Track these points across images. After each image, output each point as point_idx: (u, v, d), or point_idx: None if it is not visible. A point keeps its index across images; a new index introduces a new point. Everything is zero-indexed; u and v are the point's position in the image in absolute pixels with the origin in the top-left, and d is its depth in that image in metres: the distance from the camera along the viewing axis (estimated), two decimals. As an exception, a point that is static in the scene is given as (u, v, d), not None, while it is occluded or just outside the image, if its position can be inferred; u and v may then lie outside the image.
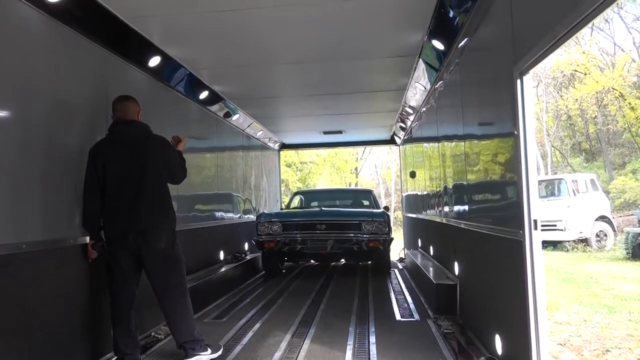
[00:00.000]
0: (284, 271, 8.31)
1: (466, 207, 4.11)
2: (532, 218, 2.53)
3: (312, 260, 8.67)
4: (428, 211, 6.68)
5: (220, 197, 6.99)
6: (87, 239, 3.38)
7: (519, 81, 2.55)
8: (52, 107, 3.18)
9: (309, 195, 10.35)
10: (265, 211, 8.73)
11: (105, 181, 3.34)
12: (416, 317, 4.89)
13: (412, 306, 5.37)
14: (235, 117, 7.40)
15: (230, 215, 7.35)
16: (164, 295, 3.46)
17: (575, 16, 1.95)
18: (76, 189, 3.35)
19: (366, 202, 9.15)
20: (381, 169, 33.45)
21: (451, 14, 3.80)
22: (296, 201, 9.74)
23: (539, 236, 2.53)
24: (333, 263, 8.99)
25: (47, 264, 3.03)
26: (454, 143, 4.57)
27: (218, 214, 6.83)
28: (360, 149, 29.01)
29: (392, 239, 7.31)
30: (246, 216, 8.24)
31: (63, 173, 3.26)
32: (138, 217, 3.34)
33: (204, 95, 5.95)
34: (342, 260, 8.71)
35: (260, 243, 7.27)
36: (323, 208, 7.69)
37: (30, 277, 2.86)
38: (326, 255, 7.32)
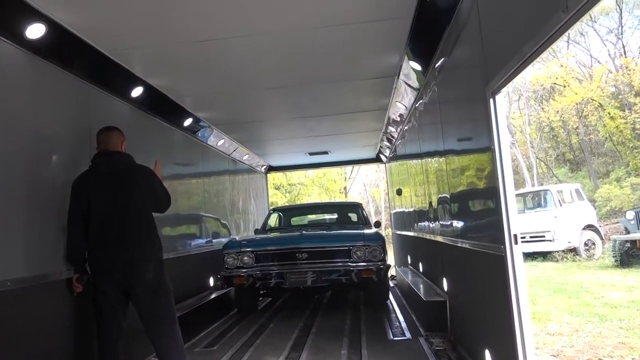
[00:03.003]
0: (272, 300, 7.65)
1: (450, 223, 4.15)
2: (512, 233, 2.57)
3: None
4: (415, 228, 6.72)
5: (208, 222, 6.97)
6: (72, 272, 3.35)
7: (491, 100, 2.63)
8: (34, 141, 3.19)
9: (288, 213, 9.00)
10: (236, 237, 7.52)
11: (89, 213, 3.33)
12: (408, 335, 4.89)
13: (403, 324, 5.37)
14: (220, 142, 7.44)
15: (218, 240, 7.32)
16: (153, 325, 3.40)
17: (539, 38, 2.04)
18: (60, 223, 3.33)
19: (354, 218, 8.12)
20: (370, 188, 33.59)
21: (426, 37, 3.91)
22: (274, 220, 8.48)
23: (520, 250, 2.57)
24: None
25: (33, 300, 2.99)
26: (435, 161, 4.65)
27: (206, 240, 6.80)
28: (348, 168, 29.17)
29: (389, 267, 6.19)
30: (235, 241, 8.18)
31: (46, 207, 3.25)
32: (125, 249, 3.33)
33: (188, 122, 5.99)
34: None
35: (229, 279, 6.03)
36: (303, 232, 6.54)
37: (16, 315, 2.83)
38: (309, 289, 6.23)
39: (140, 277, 3.34)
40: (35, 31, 3.08)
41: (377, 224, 7.64)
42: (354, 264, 5.84)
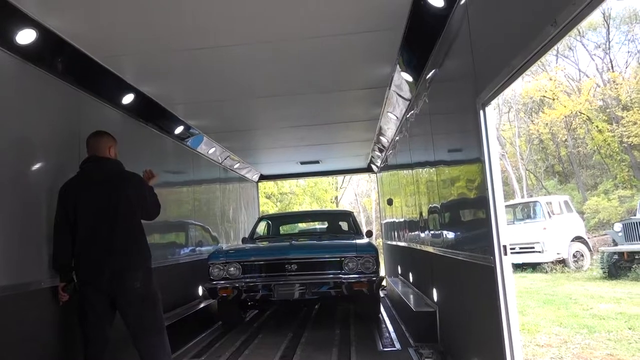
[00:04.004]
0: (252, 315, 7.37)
1: (440, 234, 4.16)
2: (502, 244, 2.58)
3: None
4: (406, 238, 6.72)
5: (198, 231, 6.92)
6: (58, 281, 3.29)
7: (481, 112, 2.66)
8: (22, 147, 3.15)
9: (277, 221, 8.66)
10: (223, 246, 7.32)
11: (76, 221, 3.28)
12: (397, 346, 4.86)
13: (393, 335, 5.35)
14: (211, 150, 7.42)
15: (208, 249, 7.26)
16: (140, 335, 3.35)
17: (528, 51, 2.06)
18: (45, 229, 3.28)
19: (345, 227, 7.88)
20: (361, 197, 33.64)
21: (417, 48, 3.94)
22: (262, 228, 8.12)
23: (509, 261, 2.58)
24: None
25: (16, 308, 2.94)
26: (426, 171, 4.67)
27: (196, 248, 6.75)
28: (339, 177, 29.26)
29: (382, 279, 5.90)
30: (225, 250, 8.11)
31: (32, 214, 3.21)
32: (113, 257, 3.27)
33: (179, 130, 5.97)
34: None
35: (213, 291, 5.72)
36: (293, 242, 6.26)
37: (-3, 323, 2.78)
38: (298, 301, 5.88)
39: (128, 287, 3.28)
40: (25, 37, 3.06)
41: (369, 234, 7.41)
42: (346, 276, 5.56)
